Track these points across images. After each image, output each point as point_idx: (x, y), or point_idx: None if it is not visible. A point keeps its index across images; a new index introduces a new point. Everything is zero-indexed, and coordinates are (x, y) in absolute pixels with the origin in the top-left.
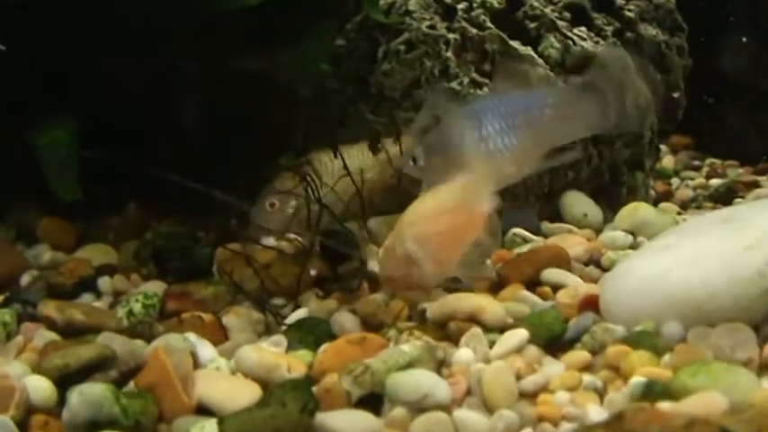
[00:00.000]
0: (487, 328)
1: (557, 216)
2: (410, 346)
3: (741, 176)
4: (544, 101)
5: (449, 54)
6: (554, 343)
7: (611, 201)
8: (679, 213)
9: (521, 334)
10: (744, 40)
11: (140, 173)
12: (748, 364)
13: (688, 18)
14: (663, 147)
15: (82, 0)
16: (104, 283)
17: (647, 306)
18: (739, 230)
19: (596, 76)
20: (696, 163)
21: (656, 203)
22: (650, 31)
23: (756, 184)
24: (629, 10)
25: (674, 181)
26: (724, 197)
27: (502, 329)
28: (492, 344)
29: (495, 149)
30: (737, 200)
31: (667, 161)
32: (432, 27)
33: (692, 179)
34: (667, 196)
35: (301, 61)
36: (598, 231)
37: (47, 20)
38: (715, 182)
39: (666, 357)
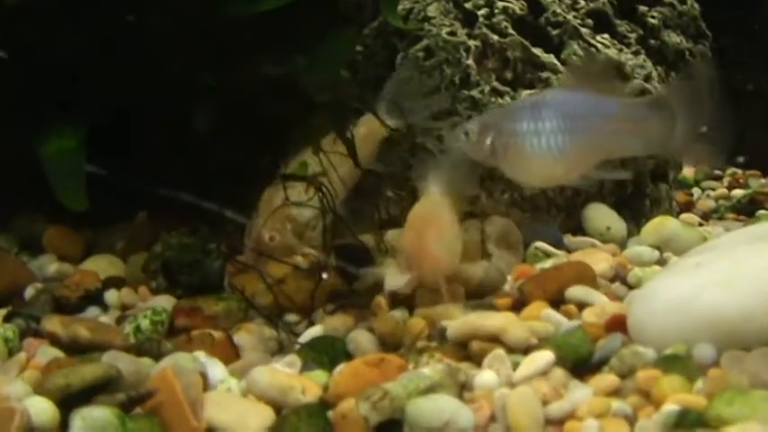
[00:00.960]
0: (510, 349)
1: (579, 229)
2: (431, 369)
3: (764, 187)
4: (611, 110)
5: (469, 61)
6: (580, 366)
7: (634, 213)
8: (700, 225)
9: (546, 356)
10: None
11: (151, 182)
12: None
13: (710, 26)
14: None
15: (93, 6)
16: (111, 296)
17: (677, 327)
18: None
19: (671, 95)
20: (717, 172)
21: (677, 214)
22: (674, 38)
23: None
24: (653, 17)
25: (695, 191)
26: (747, 208)
27: (525, 350)
28: (515, 366)
29: (546, 146)
30: (761, 211)
31: (687, 170)
32: (452, 33)
33: (714, 189)
34: (689, 207)
35: (319, 67)
36: (622, 245)
37: (57, 26)
38: (737, 192)
39: (699, 383)
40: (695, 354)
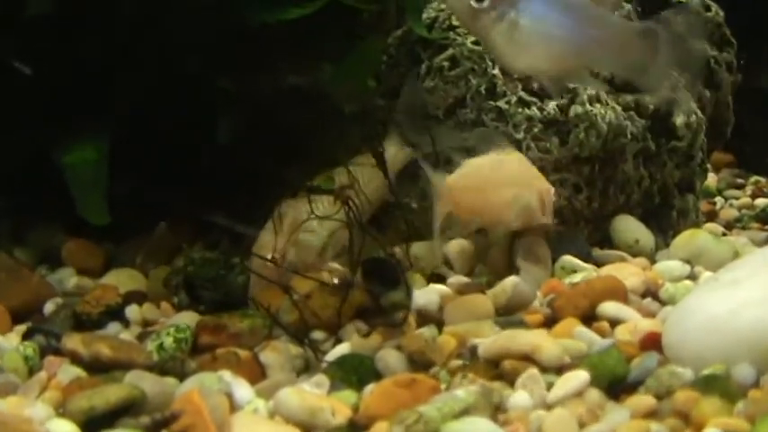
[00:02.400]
0: (544, 368)
1: (606, 241)
2: (465, 390)
3: None
4: (608, 26)
5: (495, 71)
6: (616, 386)
7: (661, 224)
8: (724, 234)
9: (581, 376)
10: None
11: (172, 194)
12: None
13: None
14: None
15: (116, 14)
16: (132, 311)
17: (715, 347)
18: None
19: (659, 29)
20: (739, 181)
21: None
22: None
23: None
24: (678, 24)
25: (718, 200)
26: None
27: (558, 369)
28: (549, 386)
29: (548, 36)
30: None
31: (710, 179)
32: (477, 43)
33: (737, 198)
34: (712, 216)
35: (346, 76)
36: (650, 258)
37: (79, 36)
38: (760, 201)
39: (740, 405)
40: (734, 374)
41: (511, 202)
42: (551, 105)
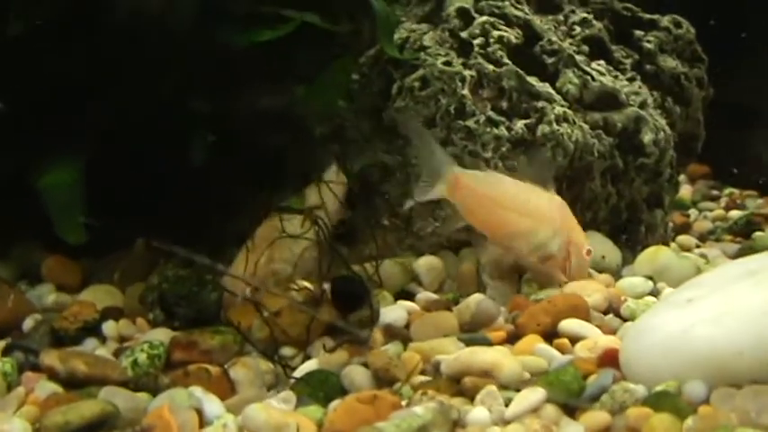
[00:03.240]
0: (503, 385)
1: None
2: (423, 407)
3: (761, 208)
4: None
5: (465, 91)
6: (573, 402)
7: (629, 240)
8: (697, 246)
9: (538, 393)
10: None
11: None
12: None
13: (708, 48)
14: (681, 176)
15: (91, 36)
16: (109, 327)
17: (669, 364)
18: (765, 285)
19: None
20: (714, 193)
21: (673, 237)
22: (670, 62)
23: None
24: (648, 41)
25: (692, 212)
26: (743, 230)
27: (518, 386)
28: (508, 402)
29: None
30: (758, 233)
31: (685, 191)
32: (447, 63)
33: (711, 210)
34: (685, 228)
35: (316, 97)
36: (617, 273)
37: (54, 56)
38: (734, 213)
39: (689, 421)
40: (686, 391)
41: (527, 233)
42: (519, 125)
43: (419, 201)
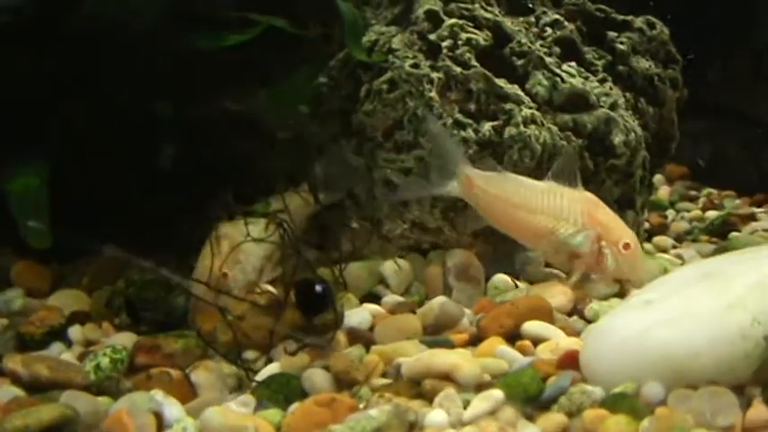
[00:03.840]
0: (463, 387)
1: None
2: (378, 410)
3: (737, 208)
4: None
5: (432, 94)
6: (531, 404)
7: None
8: (674, 247)
9: (495, 395)
10: (741, 70)
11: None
12: (729, 430)
13: (688, 48)
14: (659, 176)
15: (54, 41)
16: (75, 332)
17: (627, 365)
18: (722, 287)
19: None
20: (693, 193)
21: (650, 237)
22: (643, 63)
23: (753, 217)
24: (622, 43)
25: (670, 213)
26: (719, 230)
27: (478, 388)
28: (467, 404)
29: None
30: (734, 233)
31: (663, 192)
32: (415, 66)
33: (688, 211)
34: (662, 229)
35: (279, 102)
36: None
37: (20, 63)
38: (711, 214)
39: (646, 422)
40: (644, 392)
41: (546, 232)
42: (487, 127)
43: (421, 196)
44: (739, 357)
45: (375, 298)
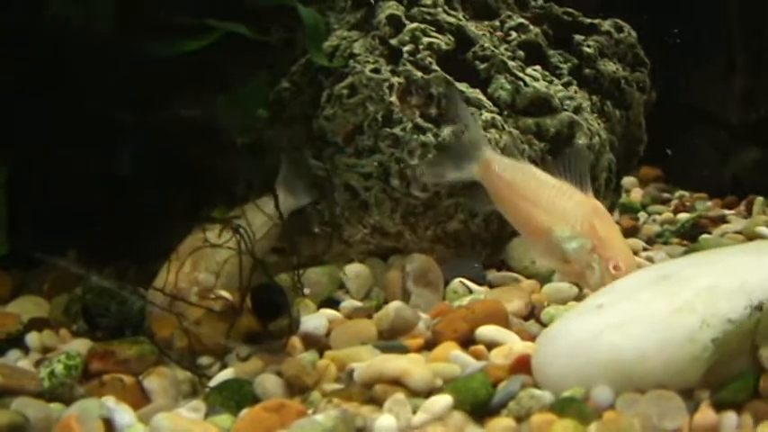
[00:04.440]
0: (414, 392)
1: (504, 263)
2: (324, 415)
3: (708, 210)
4: None
5: (392, 99)
6: (480, 409)
7: None
8: (645, 249)
9: (444, 400)
10: (715, 72)
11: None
12: None
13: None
14: (632, 179)
15: (14, 46)
16: (33, 338)
17: (577, 370)
18: (674, 290)
19: None
20: (666, 195)
21: None
22: (610, 66)
23: (723, 220)
24: (589, 46)
25: (642, 215)
26: (690, 233)
27: (429, 393)
28: (416, 409)
29: None
30: (704, 236)
31: (635, 194)
32: (375, 71)
33: (660, 213)
34: (633, 232)
35: (236, 107)
36: (546, 280)
37: None
38: (683, 216)
39: (593, 427)
40: (593, 396)
41: (543, 230)
42: (446, 131)
43: (449, 180)
44: (688, 361)
45: (335, 303)
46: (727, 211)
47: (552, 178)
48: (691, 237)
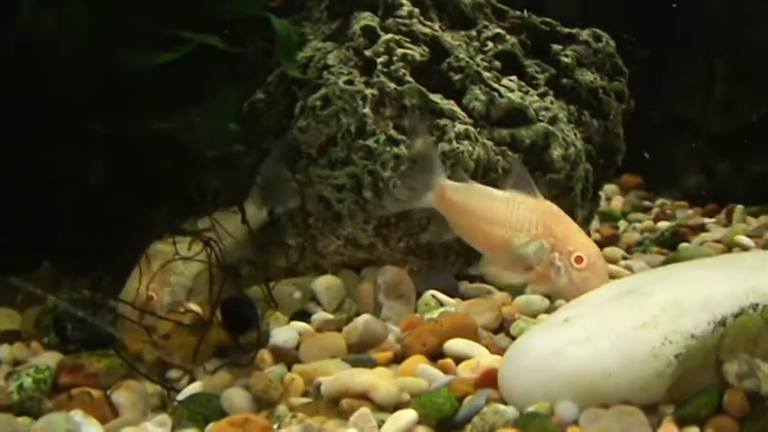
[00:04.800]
0: (380, 407)
1: (478, 275)
2: (287, 430)
3: (688, 219)
4: None
5: (366, 110)
6: (445, 424)
7: None
8: (624, 258)
9: (409, 415)
10: (695, 82)
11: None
12: None
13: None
14: (613, 186)
15: None
16: (4, 351)
17: (542, 384)
18: (639, 305)
19: None
20: (646, 203)
21: (600, 249)
22: (588, 76)
23: (703, 228)
24: (566, 55)
25: (622, 224)
26: (670, 241)
27: (396, 407)
28: (381, 424)
29: None
30: (683, 244)
31: (616, 202)
32: (349, 82)
33: (640, 221)
34: (613, 240)
35: (206, 120)
36: (518, 292)
37: None
38: (663, 225)
39: None
40: (557, 411)
41: (503, 243)
42: (418, 143)
43: (405, 208)
44: (651, 377)
45: (306, 315)
46: (707, 220)
47: (502, 192)
48: (670, 245)
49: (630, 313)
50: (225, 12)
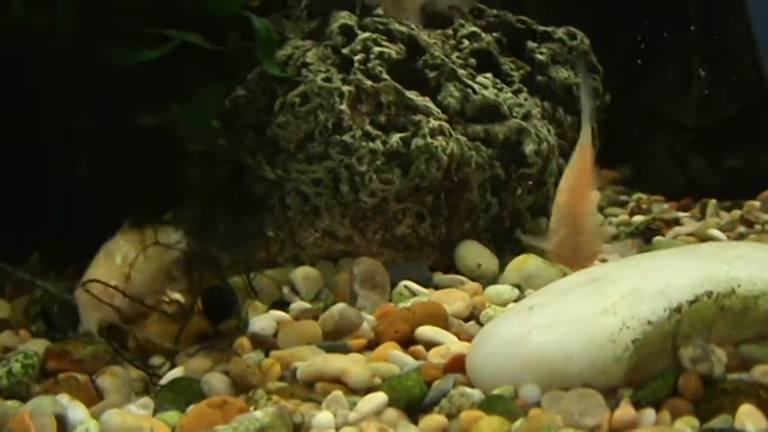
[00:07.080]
0: (353, 390)
1: (453, 266)
2: (263, 411)
3: (663, 213)
4: None
5: (343, 107)
6: (414, 406)
7: (514, 248)
8: None
9: (379, 397)
10: (671, 76)
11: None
12: (596, 430)
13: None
14: None
15: None
16: None
17: (507, 369)
18: (601, 293)
19: None
20: (623, 198)
21: None
22: (562, 73)
23: (677, 222)
24: (541, 53)
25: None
26: (644, 235)
27: (368, 391)
28: (354, 406)
29: None
30: (657, 238)
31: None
32: (327, 80)
33: (616, 216)
34: None
35: (189, 117)
36: (494, 282)
37: None
38: (638, 219)
39: (518, 423)
40: (521, 394)
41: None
42: (395, 138)
43: None
44: (610, 361)
45: (285, 305)
46: (681, 214)
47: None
48: (645, 239)
49: (592, 300)
50: (207, 10)
